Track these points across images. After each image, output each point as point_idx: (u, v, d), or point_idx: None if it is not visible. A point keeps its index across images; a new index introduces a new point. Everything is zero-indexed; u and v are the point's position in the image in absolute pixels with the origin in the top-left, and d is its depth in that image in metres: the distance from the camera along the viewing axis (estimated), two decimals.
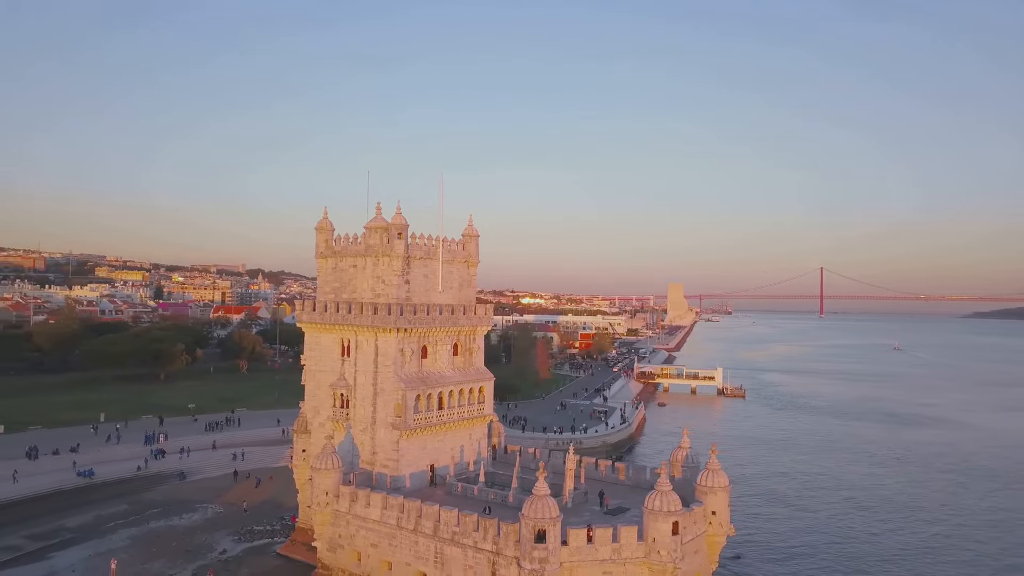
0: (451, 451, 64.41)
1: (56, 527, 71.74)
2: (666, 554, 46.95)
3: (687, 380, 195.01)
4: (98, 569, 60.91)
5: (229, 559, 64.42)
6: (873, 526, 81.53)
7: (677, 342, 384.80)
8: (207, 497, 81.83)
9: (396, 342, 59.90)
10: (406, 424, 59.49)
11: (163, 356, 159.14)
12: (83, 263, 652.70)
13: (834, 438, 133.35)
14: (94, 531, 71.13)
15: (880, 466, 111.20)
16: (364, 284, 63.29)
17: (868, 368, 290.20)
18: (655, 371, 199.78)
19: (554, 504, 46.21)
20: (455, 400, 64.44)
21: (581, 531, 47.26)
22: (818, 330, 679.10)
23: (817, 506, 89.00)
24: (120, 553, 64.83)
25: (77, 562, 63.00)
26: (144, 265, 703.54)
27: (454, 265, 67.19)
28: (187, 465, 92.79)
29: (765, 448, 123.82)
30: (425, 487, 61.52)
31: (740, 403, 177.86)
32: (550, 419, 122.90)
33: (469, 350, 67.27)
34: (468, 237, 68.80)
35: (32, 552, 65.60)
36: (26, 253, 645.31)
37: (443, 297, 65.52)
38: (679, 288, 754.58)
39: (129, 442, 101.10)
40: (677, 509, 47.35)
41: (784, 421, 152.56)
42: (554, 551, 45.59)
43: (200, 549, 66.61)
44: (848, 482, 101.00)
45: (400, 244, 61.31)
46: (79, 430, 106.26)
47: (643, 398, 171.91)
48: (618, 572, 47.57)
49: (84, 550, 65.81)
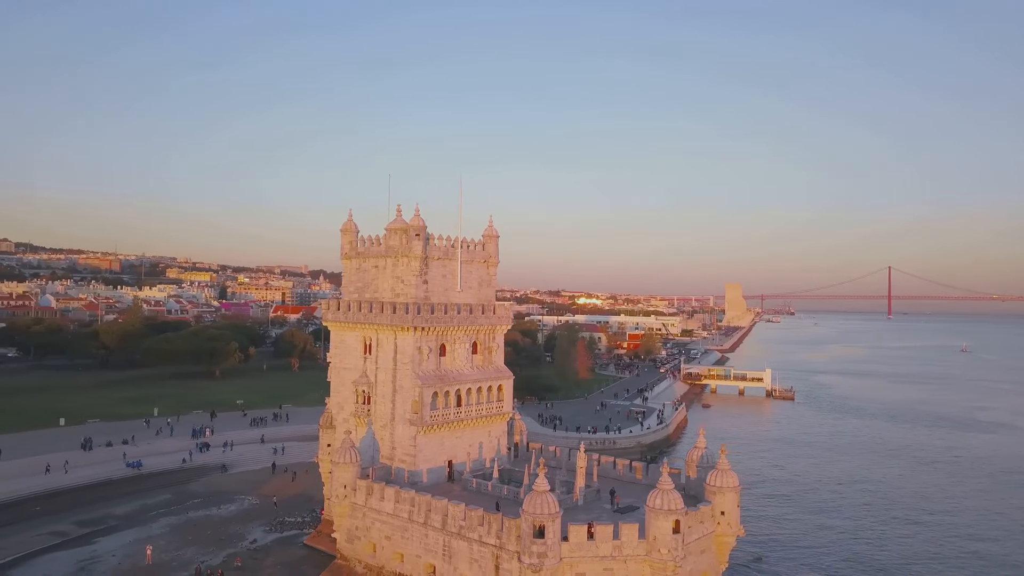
0: (469, 447, 65.77)
1: (103, 514, 75.97)
2: (667, 552, 47.22)
3: (735, 381, 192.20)
4: (137, 554, 64.45)
5: (258, 548, 67.20)
6: (905, 533, 79.41)
7: (732, 343, 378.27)
8: (245, 489, 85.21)
9: (414, 340, 61.48)
10: (423, 420, 61.00)
11: (218, 354, 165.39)
12: (155, 265, 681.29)
13: (879, 442, 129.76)
14: (138, 519, 75.09)
15: (924, 472, 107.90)
16: (385, 284, 65.19)
17: (929, 370, 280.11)
18: (702, 372, 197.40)
19: (553, 500, 46.99)
20: (473, 398, 65.60)
21: (582, 527, 47.94)
22: (883, 331, 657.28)
23: (849, 510, 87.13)
24: (158, 540, 68.42)
25: (118, 548, 66.73)
26: (212, 267, 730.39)
27: (473, 265, 68.49)
28: (229, 458, 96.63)
29: (806, 450, 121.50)
30: (443, 482, 62.91)
31: (788, 405, 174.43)
32: (586, 419, 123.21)
33: (489, 349, 68.41)
34: (488, 238, 70.01)
35: (78, 537, 69.75)
36: (104, 256, 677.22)
37: (462, 296, 66.89)
38: (737, 288, 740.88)
39: (178, 436, 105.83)
40: (678, 508, 47.55)
41: (831, 424, 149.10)
42: (553, 546, 46.39)
43: (232, 538, 69.64)
44: (886, 487, 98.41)
45: (418, 245, 62.95)
46: (134, 424, 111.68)
47: (687, 399, 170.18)
48: (619, 569, 48.06)
49: (126, 536, 69.60)
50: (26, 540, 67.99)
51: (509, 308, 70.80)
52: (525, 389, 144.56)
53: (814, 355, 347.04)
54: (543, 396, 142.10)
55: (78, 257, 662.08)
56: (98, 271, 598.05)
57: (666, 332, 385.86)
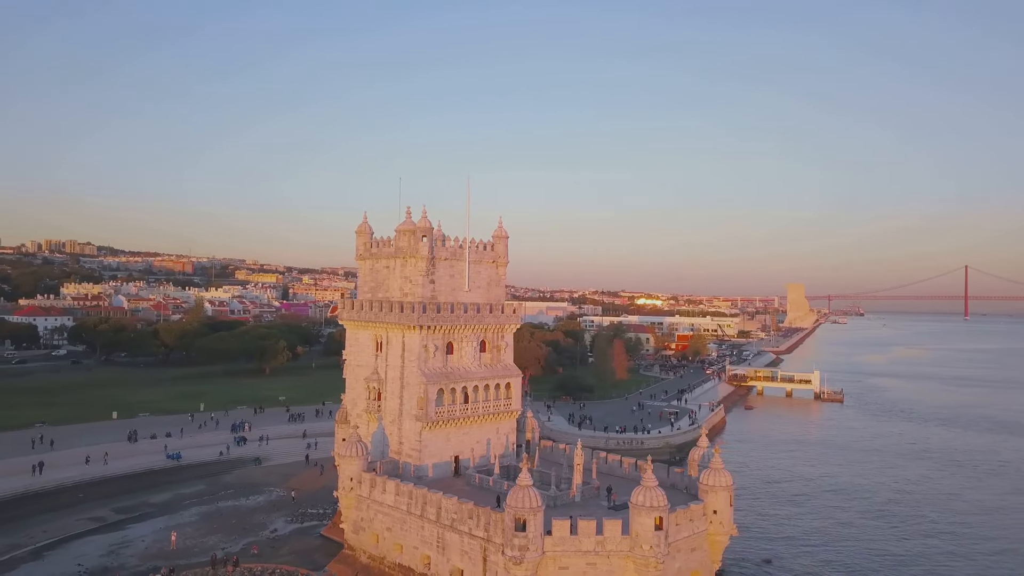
0: (477, 444, 67.34)
1: (140, 502, 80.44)
2: (648, 548, 47.74)
3: (782, 383, 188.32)
4: (164, 540, 68.17)
5: (277, 537, 70.22)
6: (930, 543, 77.01)
7: (790, 345, 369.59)
8: (275, 481, 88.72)
9: (419, 338, 63.34)
10: (427, 416, 62.82)
11: (267, 352, 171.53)
12: (225, 267, 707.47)
13: (925, 446, 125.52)
14: (171, 507, 79.25)
15: (966, 478, 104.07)
16: (394, 284, 67.35)
17: (996, 374, 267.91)
18: (747, 374, 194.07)
19: (535, 495, 48.05)
20: (481, 395, 67.11)
21: (565, 522, 48.84)
22: (956, 333, 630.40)
23: (876, 516, 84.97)
24: (186, 527, 72.22)
25: (148, 533, 70.72)
26: (279, 268, 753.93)
27: (482, 265, 70.00)
28: (264, 452, 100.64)
29: (843, 453, 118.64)
30: (448, 477, 64.62)
31: (836, 408, 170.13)
32: (620, 419, 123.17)
33: (497, 347, 69.77)
34: (497, 238, 71.43)
35: (114, 523, 74.16)
36: (178, 258, 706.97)
37: (470, 296, 68.45)
38: (799, 289, 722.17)
39: (219, 430, 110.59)
40: (661, 505, 48.00)
41: (878, 427, 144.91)
42: (535, 540, 47.46)
43: (255, 527, 72.89)
44: (920, 492, 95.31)
45: (424, 246, 64.85)
46: (180, 418, 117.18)
47: (730, 402, 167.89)
48: (602, 564, 48.81)
49: (158, 523, 73.62)
50: (67, 524, 72.69)
51: (519, 308, 71.92)
52: (561, 389, 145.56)
53: (874, 357, 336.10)
54: (579, 396, 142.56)
55: (154, 260, 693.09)
56: (172, 273, 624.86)
57: (721, 333, 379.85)
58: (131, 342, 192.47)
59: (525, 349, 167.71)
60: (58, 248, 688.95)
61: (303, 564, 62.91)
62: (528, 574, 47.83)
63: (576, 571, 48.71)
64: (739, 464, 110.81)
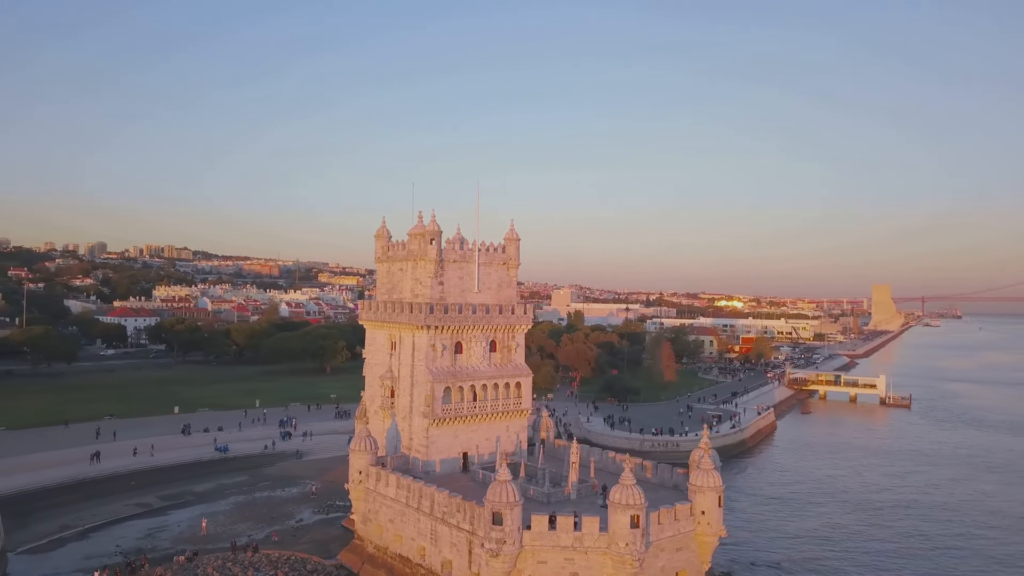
0: (485, 441, 69.07)
1: (184, 491, 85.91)
2: (624, 546, 48.44)
3: (845, 388, 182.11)
4: (198, 526, 72.81)
5: (300, 527, 73.94)
6: (963, 557, 73.95)
7: (868, 348, 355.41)
8: (312, 474, 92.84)
9: (427, 338, 65.61)
10: (433, 413, 64.99)
11: (327, 352, 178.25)
12: (309, 270, 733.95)
13: (990, 457, 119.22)
14: (211, 496, 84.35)
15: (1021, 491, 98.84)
16: (406, 285, 69.93)
17: None
18: (808, 377, 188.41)
19: (513, 490, 49.44)
20: (490, 394, 68.85)
21: (543, 517, 50.10)
22: None
23: (913, 527, 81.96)
24: (219, 515, 76.91)
25: (185, 519, 75.68)
26: (360, 271, 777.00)
27: (492, 267, 71.74)
28: (306, 446, 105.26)
29: (892, 460, 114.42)
30: (456, 473, 66.64)
31: (902, 414, 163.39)
32: (660, 422, 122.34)
33: (508, 347, 71.32)
34: (509, 241, 73.02)
35: (157, 508, 79.65)
36: (265, 262, 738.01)
37: (480, 297, 70.28)
38: (885, 290, 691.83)
39: (268, 425, 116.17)
40: (636, 503, 48.60)
41: (942, 435, 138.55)
42: (511, 533, 48.87)
43: (282, 517, 76.88)
44: (970, 504, 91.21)
45: (432, 249, 67.13)
46: (236, 413, 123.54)
47: (786, 406, 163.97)
48: (580, 560, 49.80)
49: (196, 511, 78.55)
50: (114, 509, 78.53)
51: (530, 309, 73.30)
52: (607, 390, 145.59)
53: (958, 362, 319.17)
54: (624, 397, 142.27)
55: (244, 263, 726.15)
56: (260, 275, 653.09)
57: (796, 336, 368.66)
58: (205, 341, 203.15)
59: (576, 351, 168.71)
60: (157, 253, 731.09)
61: (318, 552, 66.18)
62: (506, 567, 49.33)
63: (555, 566, 49.89)
64: (778, 468, 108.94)
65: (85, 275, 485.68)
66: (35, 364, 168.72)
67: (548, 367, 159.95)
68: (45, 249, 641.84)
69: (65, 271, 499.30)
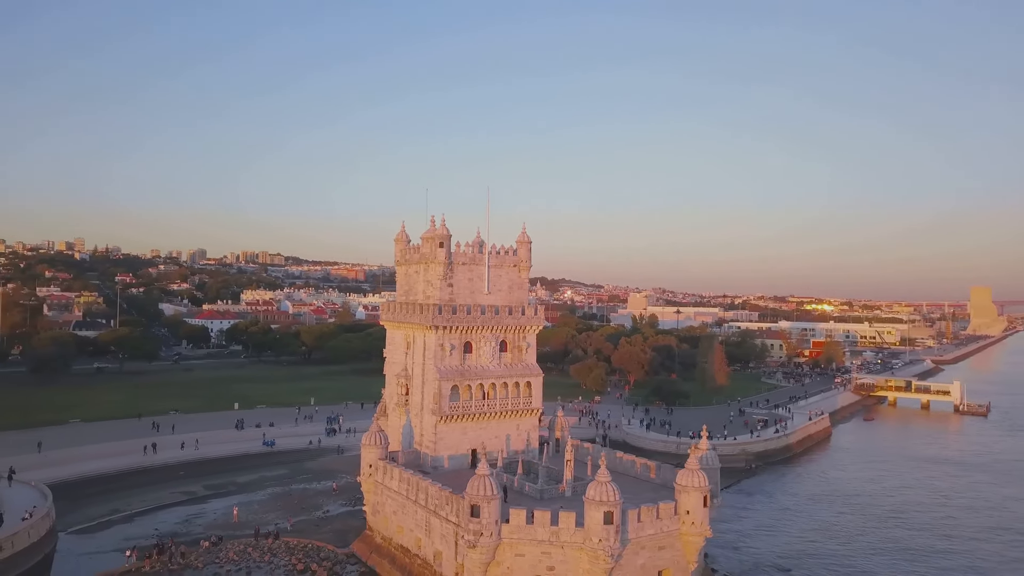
0: (495, 438, 70.84)
1: (228, 481, 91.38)
2: (598, 541, 49.36)
3: (916, 394, 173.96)
4: (232, 514, 77.58)
5: (325, 517, 77.83)
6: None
7: (959, 354, 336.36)
8: (349, 470, 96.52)
9: (436, 338, 68.00)
10: (441, 410, 67.33)
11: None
12: (394, 274, 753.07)
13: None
14: (251, 487, 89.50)
15: None
16: (419, 288, 72.66)
17: None
18: (876, 383, 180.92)
19: (490, 484, 51.11)
20: (499, 393, 70.65)
21: (521, 511, 51.54)
22: None
23: (953, 540, 78.47)
24: (254, 504, 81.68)
25: (221, 507, 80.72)
26: None
27: (503, 269, 73.50)
28: (349, 443, 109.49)
29: (954, 470, 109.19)
30: (464, 469, 68.60)
31: (977, 422, 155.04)
32: (700, 425, 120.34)
33: (519, 348, 72.91)
34: (520, 243, 74.62)
35: (200, 497, 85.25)
36: (352, 266, 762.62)
37: (491, 298, 72.12)
38: (985, 293, 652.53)
39: (317, 422, 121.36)
40: (610, 500, 49.44)
41: (1012, 444, 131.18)
42: (488, 526, 50.55)
43: (311, 508, 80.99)
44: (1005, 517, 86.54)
45: (442, 252, 69.54)
46: (291, 411, 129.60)
47: (850, 411, 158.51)
48: (556, 554, 51.00)
49: (234, 500, 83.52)
50: (162, 496, 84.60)
51: (541, 310, 74.67)
52: (656, 393, 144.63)
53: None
54: (673, 401, 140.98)
55: (332, 268, 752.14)
56: (346, 280, 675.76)
57: (880, 340, 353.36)
58: (276, 342, 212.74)
59: (629, 353, 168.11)
60: (252, 259, 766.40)
61: (335, 542, 69.57)
62: (485, 558, 51.03)
63: (532, 559, 51.26)
64: (819, 475, 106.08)
65: (183, 280, 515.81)
66: (121, 362, 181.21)
67: (600, 370, 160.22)
68: (151, 256, 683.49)
69: (165, 276, 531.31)
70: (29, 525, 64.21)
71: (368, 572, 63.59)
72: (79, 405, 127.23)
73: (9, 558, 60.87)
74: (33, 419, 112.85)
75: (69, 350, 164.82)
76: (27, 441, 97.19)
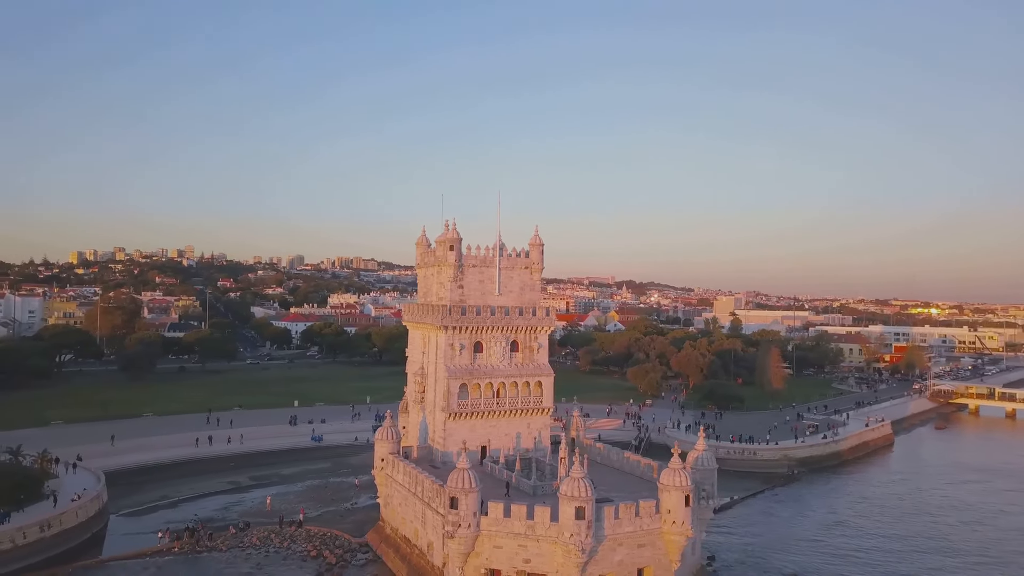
0: (505, 436, 72.61)
1: (272, 473, 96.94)
2: (568, 536, 50.56)
3: (1000, 402, 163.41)
4: (265, 503, 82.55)
5: (351, 509, 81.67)
6: None
7: None
8: None
9: (446, 337, 70.50)
10: (449, 407, 69.75)
11: None
12: None
13: None
14: (293, 479, 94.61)
15: None
16: (433, 289, 75.43)
17: None
18: (955, 390, 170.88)
19: (469, 477, 53.16)
20: (509, 392, 72.39)
21: (499, 504, 53.28)
22: None
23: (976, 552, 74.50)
24: (289, 495, 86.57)
25: (259, 497, 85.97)
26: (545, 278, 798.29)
27: (514, 271, 75.23)
28: None
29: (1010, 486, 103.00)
30: (473, 465, 70.66)
31: None
32: (747, 429, 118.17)
33: (530, 348, 74.38)
34: (532, 246, 76.16)
35: (244, 486, 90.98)
36: None
37: (502, 299, 73.99)
38: None
39: (366, 419, 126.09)
40: (582, 495, 50.58)
41: None
42: (466, 517, 52.58)
43: (339, 500, 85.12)
44: None
45: (452, 255, 72.02)
46: (346, 408, 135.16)
47: (922, 419, 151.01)
48: (532, 547, 52.52)
49: (273, 490, 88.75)
50: (209, 484, 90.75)
51: (552, 311, 75.95)
52: (708, 397, 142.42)
53: None
54: (726, 405, 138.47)
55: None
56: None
57: (980, 346, 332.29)
58: (348, 343, 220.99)
59: (687, 357, 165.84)
60: (347, 264, 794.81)
61: (353, 532, 73.14)
62: (464, 548, 53.08)
63: (509, 551, 52.97)
64: (865, 484, 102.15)
65: (278, 285, 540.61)
66: (203, 362, 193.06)
67: (656, 373, 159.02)
68: (253, 262, 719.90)
69: (261, 281, 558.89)
70: (77, 506, 70.87)
71: (375, 560, 66.66)
72: (156, 400, 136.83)
73: (59, 534, 67.56)
74: (112, 412, 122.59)
75: (155, 350, 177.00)
76: (103, 432, 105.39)
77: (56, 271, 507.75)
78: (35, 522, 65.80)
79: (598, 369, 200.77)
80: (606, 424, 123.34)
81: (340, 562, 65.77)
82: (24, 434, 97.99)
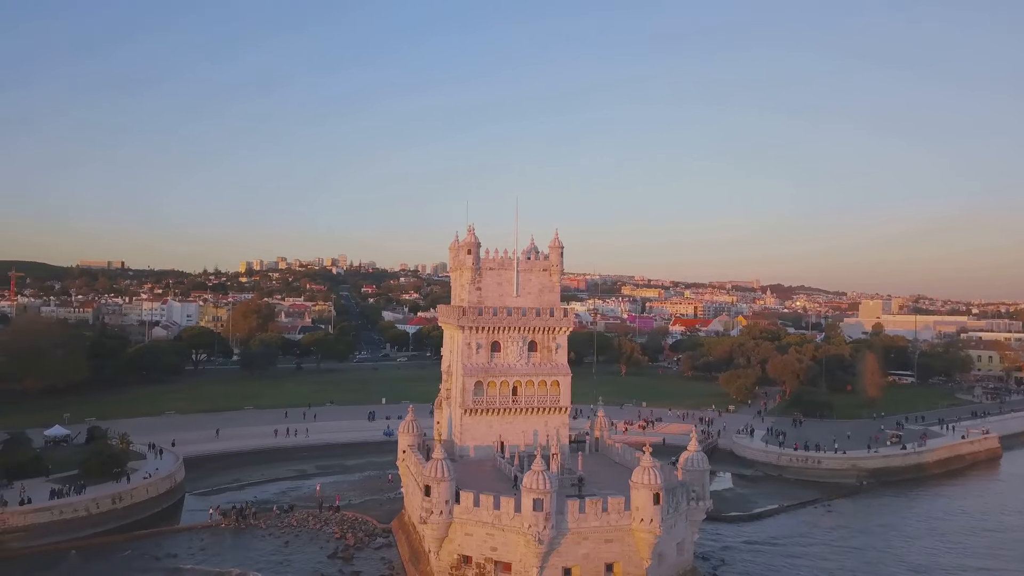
0: (522, 433, 74.78)
1: (337, 463, 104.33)
2: (527, 527, 52.49)
3: None
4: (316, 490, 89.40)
5: (392, 498, 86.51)
6: None
7: None
8: None
9: (464, 337, 73.98)
10: (465, 404, 73.12)
11: None
12: (615, 282, 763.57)
13: None
14: (353, 469, 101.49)
15: None
16: (457, 291, 79.20)
17: None
18: None
19: (444, 467, 56.26)
20: (526, 390, 74.67)
21: (470, 493, 55.96)
22: None
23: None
24: (343, 484, 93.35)
25: (315, 484, 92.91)
26: (664, 283, 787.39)
27: (533, 274, 77.37)
28: None
29: None
30: (487, 459, 73.62)
31: None
32: (825, 438, 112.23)
33: (548, 348, 76.19)
34: (552, 249, 77.99)
35: (307, 474, 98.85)
36: (576, 276, 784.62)
37: (520, 301, 76.37)
38: None
39: None
40: (540, 488, 52.37)
41: None
42: (438, 505, 55.75)
43: (382, 490, 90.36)
44: None
45: (469, 258, 75.44)
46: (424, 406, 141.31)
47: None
48: (499, 536, 54.89)
49: (331, 479, 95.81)
50: (277, 471, 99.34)
51: (571, 312, 77.45)
52: (795, 404, 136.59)
53: None
54: (814, 412, 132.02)
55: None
56: (567, 289, 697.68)
57: None
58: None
59: (783, 363, 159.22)
60: None
61: (382, 519, 78.12)
62: (438, 534, 56.31)
63: (478, 539, 55.62)
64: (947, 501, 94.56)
65: (416, 291, 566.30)
66: (318, 361, 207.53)
67: (745, 379, 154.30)
68: (399, 269, 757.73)
69: (401, 288, 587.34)
70: (147, 484, 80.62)
71: (390, 545, 71.16)
72: (263, 395, 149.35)
73: (129, 507, 77.28)
74: (219, 405, 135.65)
75: (273, 350, 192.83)
76: (207, 422, 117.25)
77: (224, 280, 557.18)
78: (108, 495, 75.73)
79: (700, 375, 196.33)
80: (675, 428, 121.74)
81: (358, 543, 70.93)
82: (136, 422, 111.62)
